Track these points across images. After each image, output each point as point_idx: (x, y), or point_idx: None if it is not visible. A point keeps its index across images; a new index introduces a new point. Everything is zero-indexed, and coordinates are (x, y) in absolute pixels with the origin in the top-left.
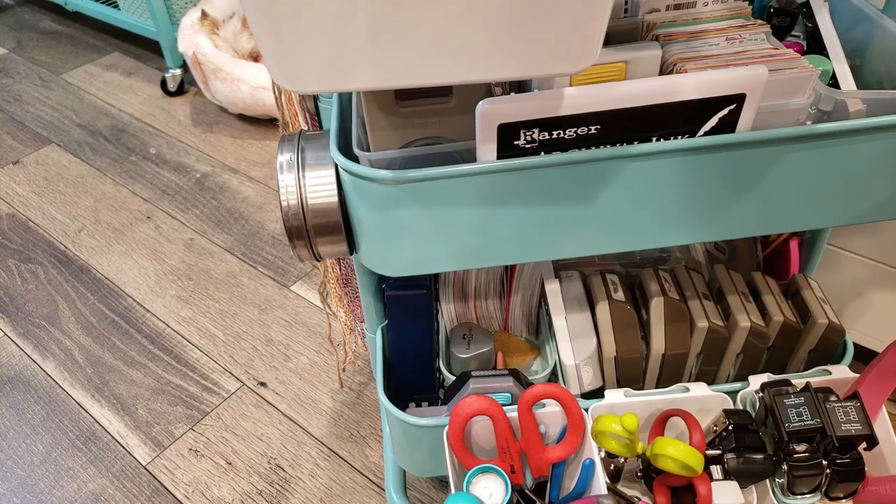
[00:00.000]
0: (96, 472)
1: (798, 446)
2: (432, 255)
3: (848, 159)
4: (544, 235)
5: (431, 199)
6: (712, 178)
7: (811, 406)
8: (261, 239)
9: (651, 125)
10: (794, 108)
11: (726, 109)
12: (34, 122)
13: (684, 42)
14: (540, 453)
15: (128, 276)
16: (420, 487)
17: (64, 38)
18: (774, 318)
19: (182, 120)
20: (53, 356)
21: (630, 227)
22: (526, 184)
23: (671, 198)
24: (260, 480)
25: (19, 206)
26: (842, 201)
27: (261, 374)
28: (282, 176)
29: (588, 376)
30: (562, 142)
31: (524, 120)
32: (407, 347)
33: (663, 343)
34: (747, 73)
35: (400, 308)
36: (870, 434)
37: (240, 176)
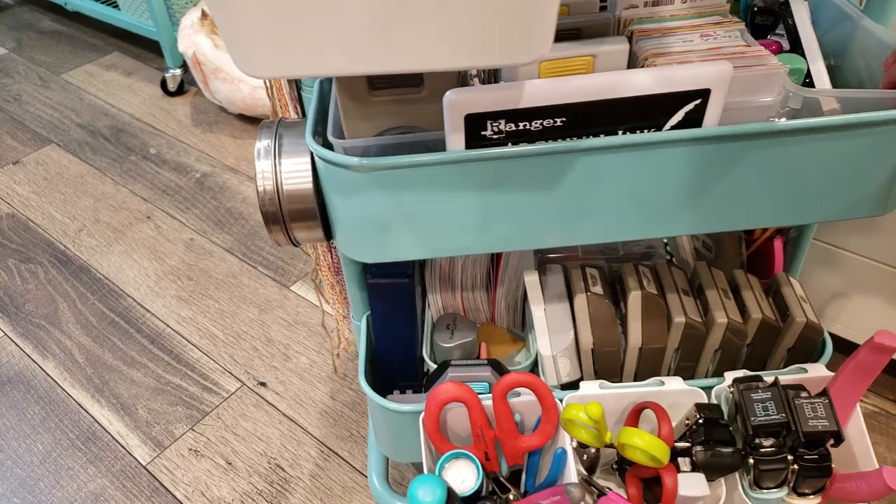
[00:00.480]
0: (96, 472)
1: (765, 441)
2: (403, 242)
3: (814, 157)
4: (512, 225)
5: (400, 187)
6: (680, 173)
7: (778, 401)
8: (261, 239)
9: (617, 119)
10: (763, 106)
11: (692, 104)
12: (34, 121)
13: (658, 38)
14: (514, 441)
15: (128, 276)
16: None
17: (64, 38)
18: (753, 315)
19: (182, 120)
20: (53, 356)
21: (599, 219)
22: (493, 174)
23: (639, 191)
24: (260, 480)
25: (19, 206)
26: (810, 198)
27: (261, 374)
28: (259, 162)
29: (565, 368)
30: (528, 133)
31: (490, 111)
32: (389, 335)
33: (640, 337)
34: (711, 69)
35: (382, 296)
36: (836, 430)
37: (240, 176)
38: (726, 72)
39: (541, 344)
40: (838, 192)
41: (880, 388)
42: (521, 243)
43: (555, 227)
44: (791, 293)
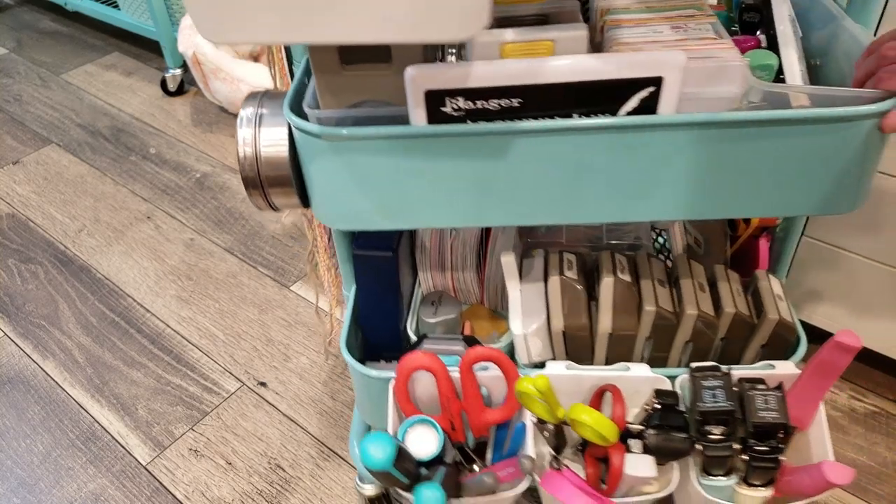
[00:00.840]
0: (96, 472)
1: (714, 428)
2: (367, 210)
3: (768, 150)
4: (470, 202)
5: (361, 158)
6: (636, 159)
7: (728, 390)
8: (261, 239)
9: (572, 103)
10: (725, 98)
11: (645, 91)
12: (34, 122)
13: (629, 28)
14: (479, 414)
15: (128, 276)
16: None
17: (64, 38)
18: (726, 309)
19: (182, 120)
20: (53, 356)
21: (557, 200)
22: (451, 150)
23: (596, 174)
24: (260, 480)
25: (19, 206)
26: (767, 191)
27: (261, 374)
28: (240, 130)
29: (536, 347)
30: (486, 112)
31: (448, 88)
32: (374, 307)
33: (610, 323)
34: (663, 58)
35: (366, 268)
36: (785, 423)
37: (240, 176)
38: (678, 61)
39: (513, 323)
40: (797, 187)
41: (881, 388)
42: (478, 220)
43: (511, 206)
44: (768, 290)
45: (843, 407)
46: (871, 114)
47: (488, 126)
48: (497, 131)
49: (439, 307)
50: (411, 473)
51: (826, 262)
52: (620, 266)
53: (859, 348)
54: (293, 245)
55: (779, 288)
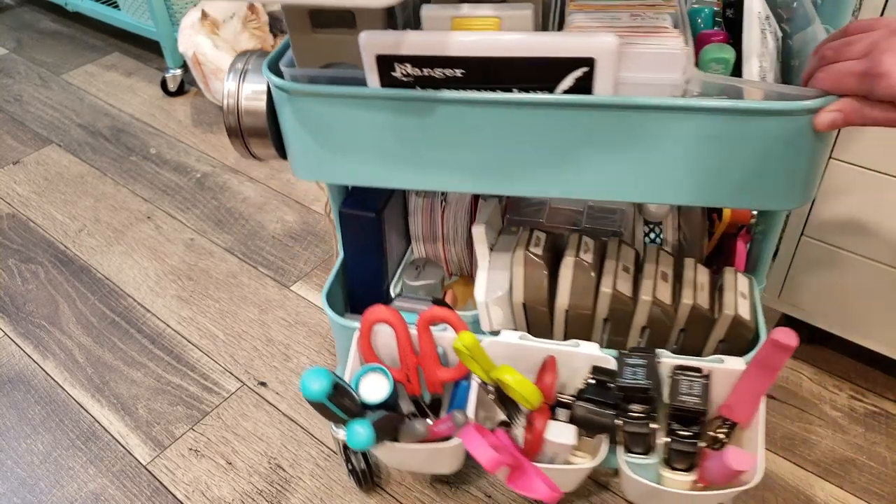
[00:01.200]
0: (96, 472)
1: (634, 406)
2: (327, 162)
3: (700, 139)
4: (416, 163)
5: (321, 112)
6: (570, 137)
7: (650, 369)
8: (261, 239)
9: (511, 77)
10: (667, 85)
11: (579, 71)
12: (34, 122)
13: (591, 13)
14: (434, 371)
15: (128, 276)
16: (420, 487)
17: (64, 39)
18: (684, 301)
19: (182, 120)
20: (54, 356)
21: (496, 170)
22: (396, 113)
23: (534, 148)
24: (260, 480)
25: (20, 206)
26: (700, 180)
27: (261, 374)
28: (226, 83)
29: (498, 317)
30: (433, 80)
31: (395, 54)
32: (358, 264)
33: (567, 300)
34: (594, 40)
35: (351, 226)
36: (703, 410)
37: (240, 176)
38: (610, 44)
39: (477, 291)
40: (730, 178)
41: (880, 388)
42: (423, 183)
43: (451, 171)
44: (732, 287)
45: (843, 407)
46: (792, 110)
47: (410, 92)
48: (415, 97)
49: (422, 272)
50: (350, 411)
51: (826, 262)
52: (585, 247)
53: (794, 347)
54: (293, 245)
55: (745, 286)
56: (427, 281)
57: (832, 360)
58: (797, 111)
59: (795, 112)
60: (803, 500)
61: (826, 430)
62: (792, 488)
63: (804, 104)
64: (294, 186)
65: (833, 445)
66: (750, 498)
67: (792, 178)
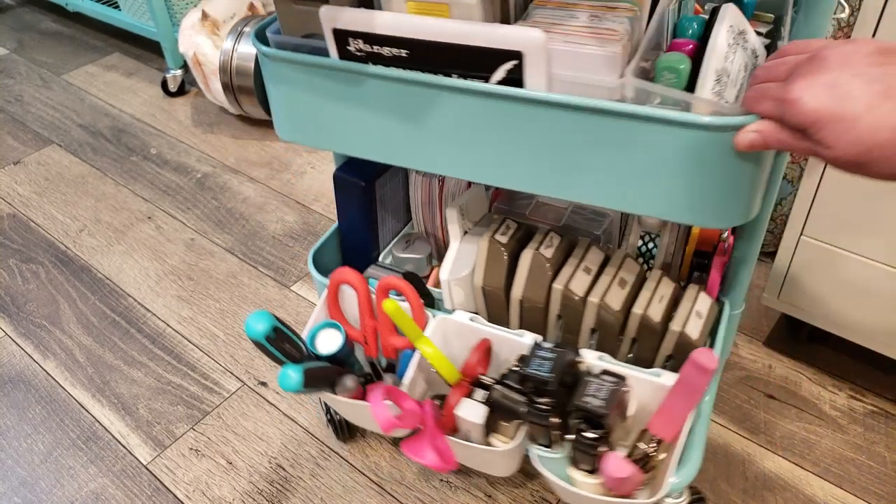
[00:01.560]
0: (97, 472)
1: (541, 398)
2: (301, 125)
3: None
4: (372, 135)
5: (293, 78)
6: (502, 128)
7: (557, 364)
8: (261, 239)
9: (450, 63)
10: (601, 87)
11: (510, 64)
12: (35, 122)
13: (552, 10)
14: (387, 337)
15: (128, 276)
16: (420, 487)
17: (65, 39)
18: (634, 309)
19: (183, 120)
20: (54, 356)
21: (439, 150)
22: (350, 85)
23: (471, 134)
24: (260, 480)
25: (20, 207)
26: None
27: (261, 374)
28: (225, 43)
29: (459, 297)
30: (382, 58)
31: (347, 29)
32: (349, 229)
33: (521, 291)
34: (520, 33)
35: (343, 191)
36: (604, 414)
37: (240, 176)
38: (536, 38)
39: (442, 269)
40: (656, 187)
41: (880, 388)
42: (377, 155)
43: (402, 148)
44: (688, 305)
45: (843, 407)
46: (696, 123)
47: (385, 70)
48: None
49: (411, 246)
50: (291, 356)
51: (826, 262)
52: (549, 243)
53: (712, 370)
54: (294, 245)
55: (705, 306)
56: (413, 255)
57: (832, 360)
58: (700, 125)
59: (700, 126)
60: (803, 500)
61: (826, 430)
62: (792, 488)
63: (704, 119)
64: (294, 187)
65: (832, 445)
66: (750, 498)
67: (716, 195)
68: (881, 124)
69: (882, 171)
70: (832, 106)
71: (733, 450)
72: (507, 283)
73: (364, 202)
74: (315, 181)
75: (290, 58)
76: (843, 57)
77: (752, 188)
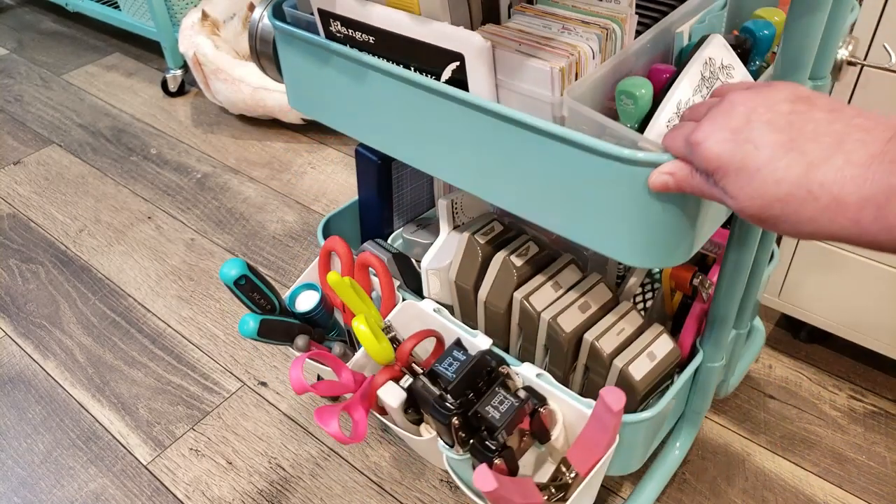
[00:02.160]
0: (97, 472)
1: (451, 398)
2: (304, 97)
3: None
4: (355, 115)
5: (296, 52)
6: (449, 126)
7: (465, 367)
8: (261, 239)
9: (406, 55)
10: (542, 101)
11: (454, 64)
12: (35, 122)
13: (531, 17)
14: None
15: (128, 276)
16: (420, 487)
17: (65, 39)
18: (585, 336)
19: (183, 120)
20: (54, 356)
21: (404, 139)
22: (328, 64)
23: (415, 126)
24: (260, 480)
25: (20, 207)
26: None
27: (261, 374)
28: (256, 10)
29: (435, 286)
30: (355, 41)
31: (326, 10)
32: (365, 203)
33: (486, 294)
34: (461, 35)
35: (362, 166)
36: (496, 427)
37: (240, 176)
38: (475, 43)
39: (425, 257)
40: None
41: (880, 388)
42: (360, 135)
43: (377, 131)
44: (642, 343)
45: (843, 407)
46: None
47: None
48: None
49: (420, 230)
50: (259, 305)
51: (826, 262)
52: (524, 251)
53: (617, 412)
54: (294, 245)
55: (663, 349)
56: (420, 239)
57: (832, 360)
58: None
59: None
60: (803, 500)
61: (826, 430)
62: (792, 488)
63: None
64: (294, 186)
65: (833, 445)
66: (750, 498)
67: (634, 231)
68: (782, 177)
69: (786, 229)
70: (735, 153)
71: (733, 450)
72: (477, 284)
73: (379, 180)
74: (315, 181)
75: (283, 29)
76: (754, 102)
77: (678, 229)
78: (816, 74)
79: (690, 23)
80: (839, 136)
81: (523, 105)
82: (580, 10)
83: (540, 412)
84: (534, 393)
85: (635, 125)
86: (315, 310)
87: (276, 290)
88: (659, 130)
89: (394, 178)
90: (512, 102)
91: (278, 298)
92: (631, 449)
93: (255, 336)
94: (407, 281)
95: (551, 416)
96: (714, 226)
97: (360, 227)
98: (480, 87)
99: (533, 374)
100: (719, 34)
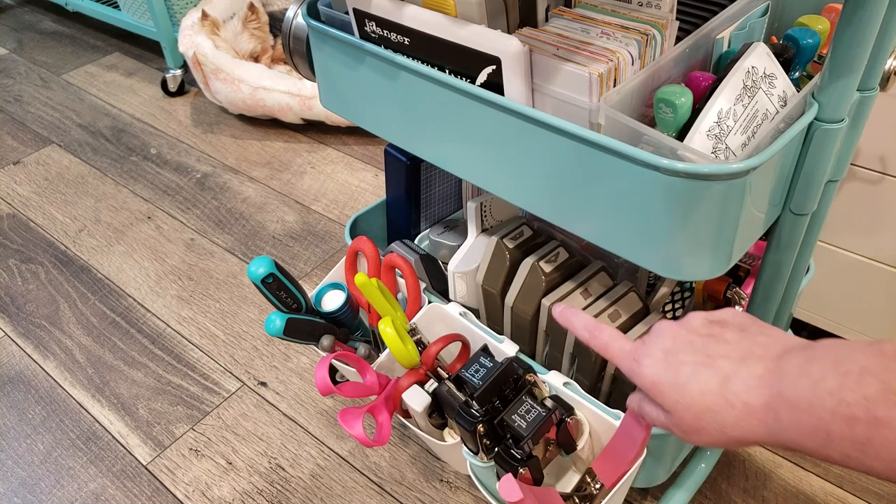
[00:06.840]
0: (97, 472)
1: (477, 405)
2: (335, 96)
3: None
4: (380, 115)
5: (328, 50)
6: (484, 130)
7: (494, 375)
8: (261, 239)
9: (442, 57)
10: (582, 107)
11: (490, 68)
12: (35, 122)
13: (567, 21)
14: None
15: (128, 276)
16: (420, 486)
17: (64, 39)
18: None
19: (182, 120)
20: (54, 356)
21: (423, 138)
22: (370, 67)
23: (447, 129)
24: (260, 480)
25: (20, 207)
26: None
27: (261, 374)
28: (290, 8)
29: (462, 289)
30: (390, 42)
31: (362, 10)
32: (393, 202)
33: (513, 298)
34: (497, 39)
35: (391, 166)
36: (522, 436)
37: (240, 176)
38: (513, 47)
39: (452, 259)
40: (617, 220)
41: None
42: (386, 134)
43: (405, 131)
44: None
45: None
46: (655, 165)
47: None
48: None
49: (447, 232)
50: (286, 303)
51: (826, 262)
52: (553, 257)
53: (646, 425)
54: (293, 245)
55: None
56: (446, 241)
57: None
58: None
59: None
60: (803, 500)
61: None
62: (792, 488)
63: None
64: (294, 186)
65: None
66: (750, 498)
67: (667, 242)
68: (705, 389)
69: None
70: (668, 370)
71: (734, 450)
72: (504, 288)
73: (407, 180)
74: (315, 181)
75: (318, 27)
76: (675, 328)
77: (716, 241)
78: (865, 85)
79: (730, 29)
80: (745, 353)
81: (557, 110)
82: (620, 14)
83: (567, 422)
84: (561, 402)
85: (673, 134)
86: (341, 310)
87: (302, 288)
88: (700, 140)
89: (422, 179)
90: (546, 107)
91: (305, 297)
92: (658, 461)
93: (280, 335)
94: (433, 283)
95: (578, 427)
96: (753, 237)
97: (387, 227)
98: (516, 92)
99: (560, 383)
100: (762, 42)
